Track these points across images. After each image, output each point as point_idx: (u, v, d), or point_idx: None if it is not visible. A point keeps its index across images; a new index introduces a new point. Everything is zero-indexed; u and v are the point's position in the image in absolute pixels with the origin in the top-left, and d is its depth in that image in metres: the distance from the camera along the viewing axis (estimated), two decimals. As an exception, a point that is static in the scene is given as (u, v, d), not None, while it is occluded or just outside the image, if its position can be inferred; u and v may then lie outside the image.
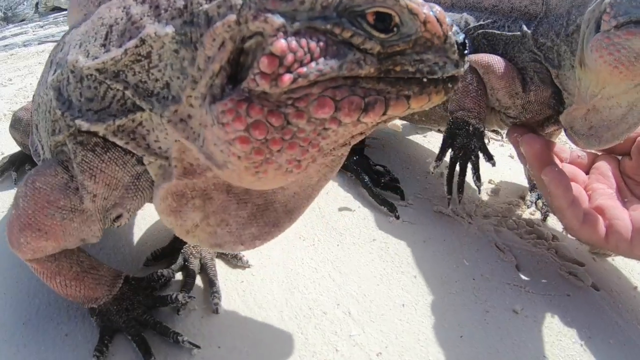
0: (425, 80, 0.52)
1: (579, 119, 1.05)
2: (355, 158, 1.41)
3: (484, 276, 1.12)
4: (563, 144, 1.63)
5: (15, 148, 1.43)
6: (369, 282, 1.06)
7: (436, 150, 1.31)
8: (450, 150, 1.25)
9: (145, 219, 1.19)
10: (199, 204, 0.66)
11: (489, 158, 1.21)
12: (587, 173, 1.19)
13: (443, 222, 1.29)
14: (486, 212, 1.36)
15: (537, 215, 1.39)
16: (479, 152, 1.23)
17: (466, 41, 0.54)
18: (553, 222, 1.37)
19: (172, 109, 0.57)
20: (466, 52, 0.54)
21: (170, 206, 0.65)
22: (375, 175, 1.38)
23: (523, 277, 1.14)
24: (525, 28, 1.13)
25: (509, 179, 1.58)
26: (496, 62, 1.15)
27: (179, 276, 1.01)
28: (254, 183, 0.57)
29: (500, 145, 1.87)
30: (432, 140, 1.78)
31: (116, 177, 0.69)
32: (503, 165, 1.70)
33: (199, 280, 1.00)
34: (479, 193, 1.33)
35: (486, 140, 1.85)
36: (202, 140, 0.56)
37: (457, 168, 1.25)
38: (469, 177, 1.25)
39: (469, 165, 1.25)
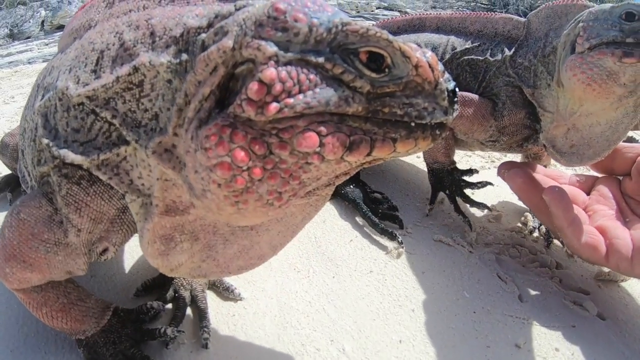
0: (413, 124, 0.51)
1: (560, 137, 1.09)
2: (352, 186, 1.39)
3: (485, 309, 1.08)
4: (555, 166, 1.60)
5: (11, 168, 1.41)
6: (364, 316, 1.02)
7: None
8: (442, 192, 1.38)
9: (138, 246, 1.15)
10: (187, 247, 0.65)
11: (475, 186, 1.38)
12: (587, 194, 1.19)
13: (443, 251, 1.25)
14: (487, 240, 1.32)
15: (540, 242, 1.35)
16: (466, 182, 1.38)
17: (456, 89, 0.54)
18: (557, 248, 1.34)
19: (157, 140, 0.56)
20: (456, 99, 0.53)
21: (159, 250, 0.64)
22: (373, 205, 1.35)
23: (526, 308, 1.10)
24: (506, 51, 1.20)
25: (510, 202, 1.55)
26: (464, 109, 1.22)
27: (169, 305, 0.99)
28: (233, 215, 0.55)
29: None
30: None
31: (102, 211, 0.67)
32: (505, 189, 1.66)
33: (189, 312, 0.98)
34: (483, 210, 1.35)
35: (483, 165, 1.83)
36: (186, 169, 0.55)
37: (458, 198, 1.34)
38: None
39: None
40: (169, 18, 0.57)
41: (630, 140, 2.05)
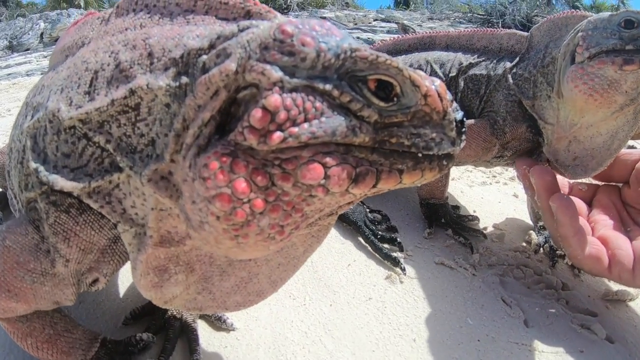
0: (420, 155, 0.49)
1: (562, 151, 1.10)
2: (350, 207, 1.34)
3: (490, 336, 1.03)
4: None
5: (3, 185, 1.37)
6: (363, 347, 0.98)
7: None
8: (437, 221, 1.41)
9: (129, 271, 1.11)
10: (182, 279, 0.62)
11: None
12: (588, 204, 1.18)
13: (445, 275, 1.21)
14: (491, 261, 1.27)
15: (545, 261, 1.31)
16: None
17: (464, 119, 0.52)
18: (562, 268, 1.29)
19: (153, 168, 0.53)
20: (464, 130, 0.52)
21: (152, 281, 0.61)
22: (372, 226, 1.31)
23: (532, 334, 1.05)
24: (508, 64, 1.21)
25: (514, 219, 1.52)
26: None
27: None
28: (232, 249, 0.52)
29: (504, 184, 1.80)
30: (432, 182, 1.71)
31: (92, 241, 0.64)
32: (508, 205, 1.64)
33: (180, 343, 0.94)
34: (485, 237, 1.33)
35: (485, 181, 1.80)
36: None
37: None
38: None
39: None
40: (168, 38, 0.55)
41: (630, 148, 2.03)
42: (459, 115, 0.52)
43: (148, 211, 0.57)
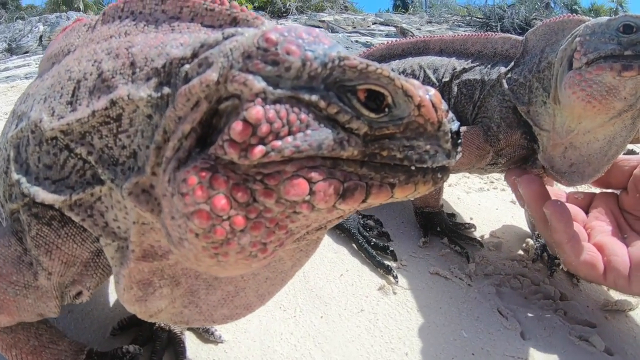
0: (413, 168, 0.47)
1: (558, 157, 1.08)
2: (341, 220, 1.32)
3: (485, 349, 1.00)
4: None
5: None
6: (354, 362, 0.94)
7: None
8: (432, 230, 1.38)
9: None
10: (167, 293, 0.61)
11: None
12: (586, 212, 1.17)
13: (440, 285, 1.18)
14: (487, 270, 1.24)
15: (543, 270, 1.28)
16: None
17: (460, 129, 0.50)
18: (560, 277, 1.27)
19: (134, 181, 0.51)
20: (460, 141, 0.50)
21: (136, 295, 0.59)
22: (366, 232, 1.29)
23: (529, 347, 1.02)
24: (503, 69, 1.18)
25: (511, 226, 1.49)
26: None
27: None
28: (212, 267, 0.49)
29: (502, 190, 1.78)
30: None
31: (74, 254, 0.63)
32: (505, 212, 1.61)
33: (167, 355, 0.92)
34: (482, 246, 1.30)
35: (482, 187, 1.78)
36: None
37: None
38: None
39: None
40: (151, 47, 0.53)
41: (631, 153, 2.01)
42: (455, 126, 0.49)
43: (130, 225, 0.55)
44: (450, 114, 0.50)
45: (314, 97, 0.44)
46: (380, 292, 1.14)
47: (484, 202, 1.67)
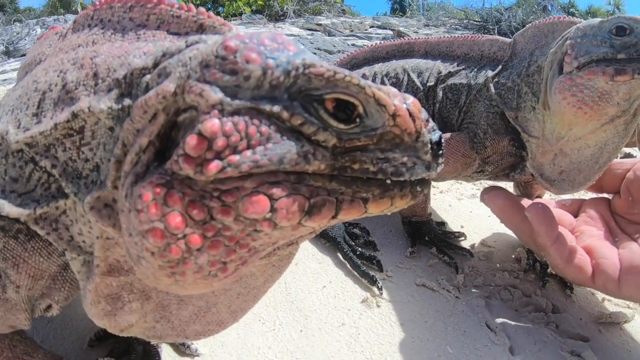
0: (388, 182, 0.44)
1: (547, 164, 1.04)
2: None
3: (472, 366, 0.95)
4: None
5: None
6: (333, 380, 0.90)
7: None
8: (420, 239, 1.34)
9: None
10: (136, 307, 0.59)
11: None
12: (575, 217, 1.16)
13: (426, 297, 1.13)
14: (477, 282, 1.20)
15: (535, 282, 1.24)
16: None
17: (442, 140, 0.47)
18: (553, 288, 1.22)
19: (96, 195, 0.49)
20: (441, 152, 0.47)
21: (104, 310, 0.58)
22: (352, 241, 1.25)
23: (518, 363, 0.98)
24: (490, 73, 1.13)
25: (503, 234, 1.44)
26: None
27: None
28: (171, 286, 0.47)
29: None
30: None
31: (41, 268, 0.61)
32: (498, 220, 1.55)
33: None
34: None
35: (474, 193, 1.74)
36: None
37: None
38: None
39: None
40: (115, 57, 0.51)
41: (628, 156, 1.96)
42: (435, 136, 0.47)
43: (94, 239, 0.53)
44: (431, 124, 0.47)
45: (276, 108, 0.41)
46: (363, 304, 1.10)
47: (476, 209, 1.62)
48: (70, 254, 0.57)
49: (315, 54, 4.62)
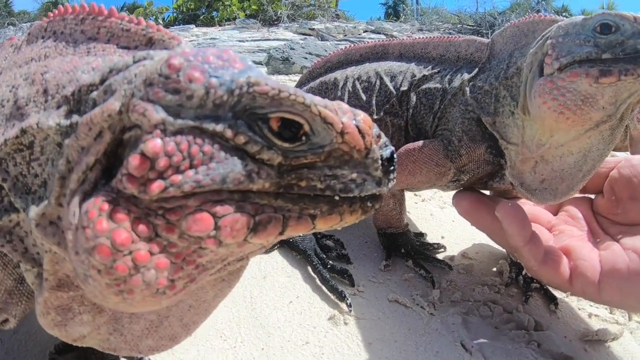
0: (337, 198, 0.45)
1: (528, 173, 0.97)
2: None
3: (442, 390, 0.88)
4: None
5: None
6: (290, 406, 0.83)
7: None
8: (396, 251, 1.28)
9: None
10: (88, 319, 0.58)
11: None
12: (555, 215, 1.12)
13: (398, 315, 1.06)
14: (454, 297, 1.13)
15: (518, 296, 1.17)
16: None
17: (394, 155, 0.48)
18: (537, 304, 1.15)
19: (41, 212, 0.49)
20: (392, 168, 0.48)
21: (54, 320, 0.57)
22: (323, 254, 1.18)
23: (494, 388, 0.91)
24: (466, 76, 1.07)
25: (486, 245, 1.37)
26: (414, 166, 1.09)
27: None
28: (119, 304, 0.47)
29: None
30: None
31: None
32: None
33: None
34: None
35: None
36: None
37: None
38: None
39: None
40: (64, 72, 0.52)
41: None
42: (387, 152, 0.48)
43: (44, 253, 0.54)
44: (383, 140, 0.48)
45: (219, 127, 0.42)
46: (330, 322, 1.03)
47: (459, 218, 1.53)
48: (25, 266, 0.56)
49: (306, 58, 4.59)
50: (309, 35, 6.79)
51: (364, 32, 7.11)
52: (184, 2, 11.29)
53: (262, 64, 5.20)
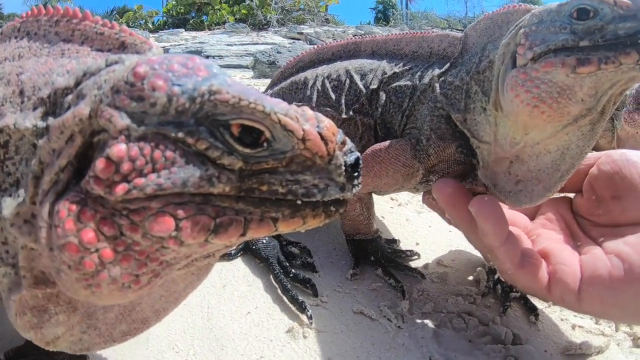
0: (299, 202, 0.47)
1: (502, 174, 0.90)
2: (265, 240, 1.17)
3: (407, 414, 0.81)
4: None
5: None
6: None
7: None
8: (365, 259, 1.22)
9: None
10: (63, 319, 0.59)
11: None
12: (532, 219, 1.04)
13: (363, 327, 0.99)
14: (425, 308, 1.06)
15: (495, 307, 1.10)
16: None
17: (359, 161, 0.50)
18: (515, 314, 1.08)
19: (15, 211, 0.52)
20: (357, 174, 0.49)
21: (31, 322, 0.58)
22: (287, 262, 1.11)
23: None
24: (437, 71, 1.00)
25: (463, 252, 1.31)
26: (380, 167, 1.03)
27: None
28: (89, 297, 0.50)
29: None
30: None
31: None
32: (459, 235, 1.40)
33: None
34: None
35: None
36: None
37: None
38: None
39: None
40: (40, 74, 0.54)
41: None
42: (351, 158, 0.49)
43: (18, 249, 0.54)
44: (348, 146, 0.49)
45: (181, 134, 0.44)
46: (288, 335, 0.96)
47: (436, 223, 1.48)
48: None
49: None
50: (298, 39, 6.76)
51: (353, 36, 7.11)
52: (173, 6, 11.28)
53: (248, 68, 5.15)
